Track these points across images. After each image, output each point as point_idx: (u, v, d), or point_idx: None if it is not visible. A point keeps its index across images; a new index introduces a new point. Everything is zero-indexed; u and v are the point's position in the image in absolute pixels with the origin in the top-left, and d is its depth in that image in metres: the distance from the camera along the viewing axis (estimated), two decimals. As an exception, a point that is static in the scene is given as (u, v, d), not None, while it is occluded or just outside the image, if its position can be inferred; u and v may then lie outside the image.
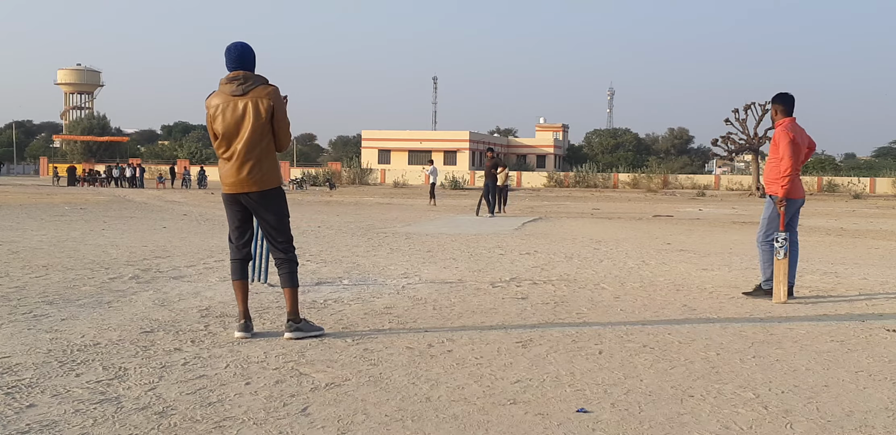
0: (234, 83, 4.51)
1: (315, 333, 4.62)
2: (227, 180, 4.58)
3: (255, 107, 4.48)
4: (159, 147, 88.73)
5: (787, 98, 6.56)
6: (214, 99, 4.57)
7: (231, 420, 3.09)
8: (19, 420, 3.03)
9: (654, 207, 25.74)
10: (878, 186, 52.49)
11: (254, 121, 4.47)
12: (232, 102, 4.49)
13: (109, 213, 16.89)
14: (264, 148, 4.55)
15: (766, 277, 6.36)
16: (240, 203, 4.64)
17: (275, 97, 4.53)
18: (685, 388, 3.66)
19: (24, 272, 6.99)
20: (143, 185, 42.18)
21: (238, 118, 4.49)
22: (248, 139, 4.50)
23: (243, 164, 4.52)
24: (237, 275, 4.69)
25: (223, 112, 4.50)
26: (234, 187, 4.56)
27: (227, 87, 4.53)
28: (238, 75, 4.53)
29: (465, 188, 49.05)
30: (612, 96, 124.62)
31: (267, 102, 4.49)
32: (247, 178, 4.52)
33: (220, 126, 4.52)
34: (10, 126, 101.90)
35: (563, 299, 6.11)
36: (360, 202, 26.07)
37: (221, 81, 4.58)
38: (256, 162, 4.53)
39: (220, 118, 4.51)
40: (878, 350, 4.52)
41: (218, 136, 4.56)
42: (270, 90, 4.54)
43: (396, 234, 12.27)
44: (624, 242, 11.38)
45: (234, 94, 4.50)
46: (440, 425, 3.08)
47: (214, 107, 4.54)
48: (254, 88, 4.51)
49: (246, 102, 4.48)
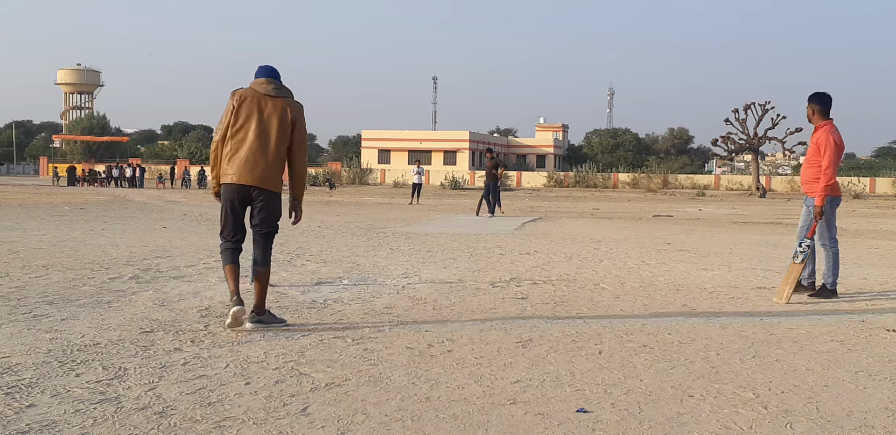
0: (271, 85, 4.77)
1: (278, 325, 4.84)
2: (237, 170, 4.66)
3: (283, 110, 4.72)
4: (159, 147, 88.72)
5: (825, 98, 6.38)
6: (242, 92, 4.77)
7: (231, 420, 3.09)
8: (19, 420, 3.03)
9: (653, 207, 25.73)
10: (878, 186, 52.47)
11: (279, 123, 4.70)
12: (263, 98, 4.72)
13: (109, 213, 16.89)
14: (280, 152, 4.73)
15: (836, 278, 6.36)
16: (243, 195, 4.74)
17: (300, 112, 4.80)
18: (685, 388, 3.66)
19: (24, 272, 6.99)
20: (143, 185, 42.17)
21: (263, 112, 4.69)
22: (267, 135, 4.68)
23: (258, 158, 4.66)
24: (229, 260, 4.82)
25: (253, 102, 4.70)
26: (245, 179, 4.67)
27: (261, 86, 4.77)
28: (273, 80, 4.81)
29: (465, 188, 49.03)
30: (612, 96, 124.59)
31: (292, 113, 4.74)
32: (261, 174, 4.67)
33: (239, 116, 4.68)
34: (10, 126, 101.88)
35: (563, 299, 6.11)
36: (360, 202, 26.07)
37: (256, 81, 4.79)
38: (271, 162, 4.70)
39: (245, 106, 4.69)
40: (878, 350, 4.52)
41: (236, 122, 4.69)
42: (299, 106, 4.84)
43: (396, 234, 12.27)
44: (624, 242, 11.38)
45: (268, 93, 4.73)
46: (440, 425, 3.08)
47: (240, 98, 4.72)
48: (285, 97, 4.78)
49: (276, 103, 4.72)
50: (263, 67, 4.90)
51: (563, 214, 19.82)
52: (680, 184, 57.02)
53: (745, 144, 43.57)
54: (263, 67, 4.90)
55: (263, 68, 4.89)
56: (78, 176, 46.26)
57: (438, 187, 49.31)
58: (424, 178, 31.58)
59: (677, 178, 58.54)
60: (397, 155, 70.36)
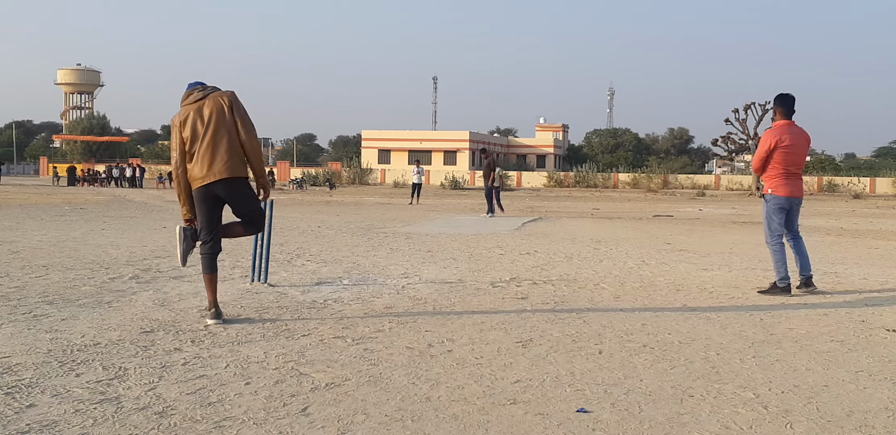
0: (196, 91, 5.06)
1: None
2: (198, 174, 4.89)
3: (215, 103, 4.94)
4: (159, 147, 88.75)
5: (786, 99, 6.59)
6: (178, 115, 5.04)
7: (231, 420, 3.09)
8: (19, 420, 3.03)
9: (654, 207, 25.73)
10: (878, 186, 52.48)
11: (217, 116, 4.90)
12: (195, 107, 4.95)
13: (109, 213, 16.89)
14: (231, 140, 4.92)
15: (782, 276, 6.44)
16: (213, 196, 4.94)
17: (232, 97, 4.99)
18: (685, 388, 3.66)
19: (24, 272, 6.99)
20: (143, 185, 42.17)
21: (202, 117, 4.92)
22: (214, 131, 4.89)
23: (213, 154, 4.88)
24: (207, 269, 5.00)
25: (193, 115, 4.93)
26: (207, 178, 4.87)
27: (190, 99, 5.04)
28: (196, 87, 5.08)
29: (465, 188, 49.04)
30: (612, 96, 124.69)
31: (225, 101, 4.95)
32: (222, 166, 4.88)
33: (186, 132, 4.93)
34: (10, 126, 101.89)
35: (563, 299, 6.11)
36: (360, 202, 26.07)
37: (183, 98, 5.06)
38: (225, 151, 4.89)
39: (187, 124, 4.93)
40: (878, 350, 4.52)
41: (186, 141, 4.94)
42: (229, 92, 5.03)
43: (396, 234, 12.26)
44: (624, 242, 11.38)
45: (197, 100, 4.98)
46: (440, 425, 3.08)
47: (180, 119, 4.98)
48: (213, 92, 5.00)
49: (208, 102, 4.95)
50: (189, 84, 5.14)
51: (563, 214, 19.82)
52: (680, 184, 57.02)
53: (745, 144, 43.59)
54: (189, 84, 5.14)
55: (189, 85, 5.14)
56: (78, 176, 46.25)
57: (438, 187, 49.33)
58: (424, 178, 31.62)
59: (677, 178, 58.54)
60: (397, 155, 70.36)
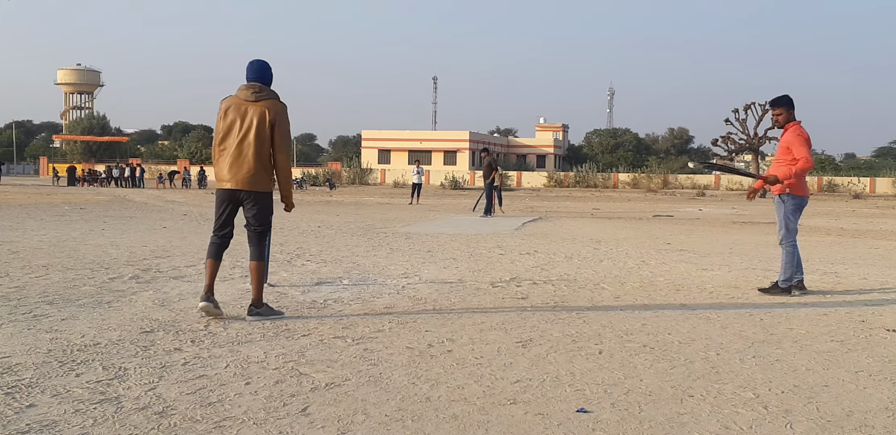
0: (250, 90, 5.00)
1: (276, 317, 5.07)
2: (225, 176, 5.01)
3: (262, 114, 4.94)
4: (159, 147, 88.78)
5: (791, 100, 6.63)
6: (227, 101, 5.06)
7: (231, 420, 3.09)
8: (19, 420, 3.03)
9: (654, 207, 25.73)
10: (878, 186, 52.48)
11: (258, 127, 4.93)
12: (244, 104, 4.97)
13: (109, 213, 16.88)
14: (262, 154, 4.98)
15: (787, 277, 6.44)
16: (235, 199, 5.08)
17: (280, 113, 4.99)
18: (685, 388, 3.66)
19: (24, 272, 6.99)
20: (143, 185, 42.17)
21: (244, 118, 4.95)
22: (249, 140, 4.95)
23: (241, 163, 4.97)
24: (211, 254, 5.12)
25: (236, 110, 4.97)
26: (232, 183, 5.01)
27: (242, 93, 5.02)
28: (255, 85, 5.02)
29: (465, 188, 49.04)
30: (612, 96, 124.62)
31: (271, 115, 4.95)
32: (245, 177, 4.97)
33: (224, 124, 4.99)
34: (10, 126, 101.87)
35: (563, 299, 6.11)
36: (360, 202, 26.07)
37: (241, 87, 5.05)
38: (253, 162, 4.97)
39: (230, 114, 4.98)
40: (878, 350, 4.52)
41: (222, 130, 5.02)
42: (280, 107, 5.01)
43: (396, 234, 12.26)
44: (624, 242, 11.38)
45: (247, 99, 4.97)
46: (440, 425, 3.08)
47: (226, 107, 5.02)
48: (266, 99, 4.99)
49: (256, 107, 4.96)
50: (249, 68, 5.08)
51: (563, 214, 19.82)
52: (680, 184, 57.01)
53: (745, 144, 43.57)
54: (249, 68, 5.08)
55: (249, 69, 5.07)
56: (78, 176, 46.21)
57: (438, 187, 49.33)
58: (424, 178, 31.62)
59: (677, 178, 58.51)
60: (397, 155, 70.36)
